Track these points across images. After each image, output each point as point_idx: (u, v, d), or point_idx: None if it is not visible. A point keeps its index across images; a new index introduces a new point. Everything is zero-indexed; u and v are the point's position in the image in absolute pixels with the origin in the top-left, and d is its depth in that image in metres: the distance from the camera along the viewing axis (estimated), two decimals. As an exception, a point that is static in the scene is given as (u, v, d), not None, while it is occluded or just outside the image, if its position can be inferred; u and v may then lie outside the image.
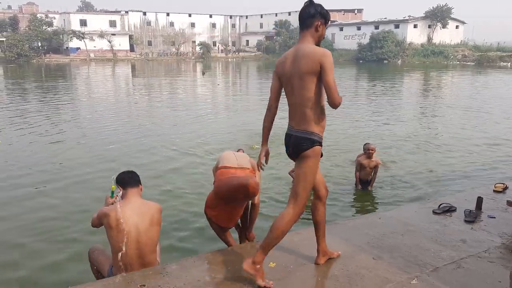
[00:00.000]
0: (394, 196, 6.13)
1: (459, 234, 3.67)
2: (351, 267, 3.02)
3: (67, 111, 14.22)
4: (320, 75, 2.63)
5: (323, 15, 2.74)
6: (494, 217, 3.96)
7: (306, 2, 2.74)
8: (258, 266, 2.74)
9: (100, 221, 2.93)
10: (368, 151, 6.11)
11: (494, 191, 4.67)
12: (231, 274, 2.93)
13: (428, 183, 6.59)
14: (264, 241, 2.80)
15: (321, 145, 2.77)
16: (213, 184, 3.62)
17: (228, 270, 2.99)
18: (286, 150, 2.91)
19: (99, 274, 3.15)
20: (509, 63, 44.03)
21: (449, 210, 4.10)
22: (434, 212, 4.11)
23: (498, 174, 6.81)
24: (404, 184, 6.61)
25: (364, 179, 6.22)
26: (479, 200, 4.15)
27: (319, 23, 2.73)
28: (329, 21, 2.85)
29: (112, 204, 3.08)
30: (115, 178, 3.05)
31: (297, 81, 2.71)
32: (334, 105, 2.66)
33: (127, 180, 2.97)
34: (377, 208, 5.70)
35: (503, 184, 4.79)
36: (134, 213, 2.87)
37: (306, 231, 3.85)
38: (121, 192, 2.98)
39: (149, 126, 11.37)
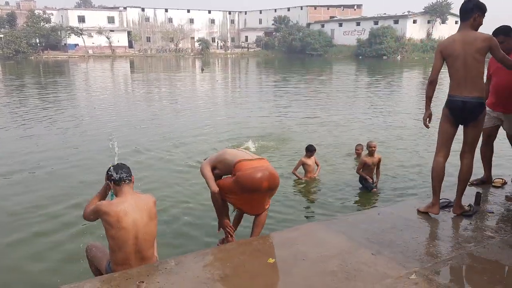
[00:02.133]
0: (394, 191, 6.14)
1: (458, 229, 3.67)
2: (350, 263, 3.02)
3: (64, 109, 14.19)
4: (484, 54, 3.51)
5: (480, 8, 3.56)
6: (493, 212, 3.96)
7: None
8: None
9: (96, 216, 2.91)
10: (370, 148, 6.18)
11: (493, 186, 4.67)
12: (230, 270, 2.93)
13: (427, 179, 6.59)
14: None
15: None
16: (233, 176, 3.58)
17: (227, 266, 2.99)
18: (458, 115, 3.66)
19: (97, 271, 3.15)
20: (508, 58, 43.94)
21: (447, 205, 4.10)
22: (433, 208, 4.11)
23: (497, 169, 6.80)
24: (403, 180, 6.62)
25: (368, 176, 6.21)
26: (478, 196, 4.14)
27: (477, 15, 3.56)
28: (486, 9, 3.62)
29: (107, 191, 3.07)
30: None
31: (471, 59, 3.51)
32: (511, 67, 3.62)
33: (122, 177, 2.94)
34: (376, 204, 5.70)
35: (502, 179, 4.79)
36: (132, 209, 2.85)
37: (305, 227, 3.87)
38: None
39: (147, 121, 11.36)
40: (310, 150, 6.55)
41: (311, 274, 2.89)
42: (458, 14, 3.73)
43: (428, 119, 3.85)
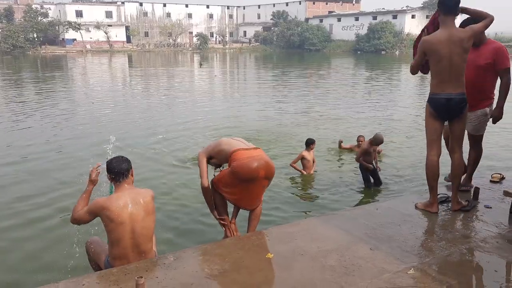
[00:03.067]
0: (392, 186, 6.14)
1: (456, 224, 3.68)
2: (349, 258, 3.03)
3: (59, 104, 14.16)
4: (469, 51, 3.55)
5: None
6: (491, 207, 3.97)
7: None
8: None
9: (93, 216, 2.88)
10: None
11: (491, 181, 4.68)
12: (228, 265, 2.94)
13: (424, 174, 6.60)
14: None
15: None
16: (228, 165, 3.64)
17: (226, 261, 2.99)
18: (443, 112, 3.67)
19: (96, 266, 3.15)
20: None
21: (445, 200, 4.11)
22: (431, 203, 4.12)
23: (495, 164, 6.82)
24: (401, 175, 6.63)
25: (369, 163, 6.07)
26: (476, 190, 4.16)
27: (460, 8, 3.59)
28: None
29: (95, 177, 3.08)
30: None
31: (457, 58, 3.50)
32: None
33: (121, 172, 2.91)
34: (375, 199, 5.71)
35: (500, 174, 4.80)
36: (129, 204, 2.84)
37: (304, 223, 3.87)
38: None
39: (145, 116, 11.34)
40: (310, 143, 6.54)
41: (310, 269, 2.90)
42: (440, 6, 3.57)
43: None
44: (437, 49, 3.52)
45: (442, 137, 3.92)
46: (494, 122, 4.05)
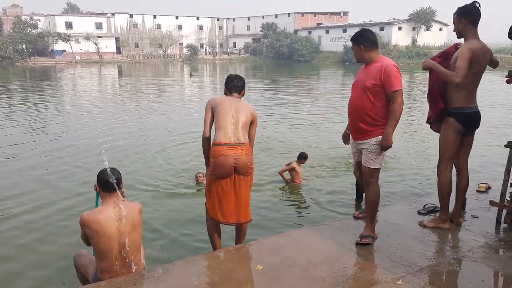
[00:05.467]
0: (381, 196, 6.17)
1: (444, 234, 3.71)
2: (338, 268, 3.04)
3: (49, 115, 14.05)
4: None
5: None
6: (478, 217, 4.02)
7: (478, 4, 3.44)
8: None
9: (84, 230, 2.84)
10: None
11: (477, 191, 4.75)
12: (218, 277, 2.93)
13: (411, 183, 6.67)
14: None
15: None
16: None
17: (215, 273, 2.98)
18: (472, 127, 3.63)
19: (84, 279, 3.12)
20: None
21: (433, 210, 4.16)
22: (419, 213, 4.17)
23: (482, 174, 6.91)
24: (389, 185, 6.67)
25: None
26: (463, 200, 4.20)
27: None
28: None
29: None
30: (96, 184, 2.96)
31: (483, 70, 3.51)
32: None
33: (111, 184, 2.90)
34: (364, 210, 5.72)
35: (486, 184, 4.87)
36: (115, 217, 2.82)
37: (295, 233, 3.88)
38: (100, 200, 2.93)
39: (136, 126, 11.29)
40: (302, 157, 6.62)
41: (300, 281, 2.90)
42: (469, 17, 3.42)
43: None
44: (478, 59, 3.43)
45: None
46: (379, 149, 3.40)
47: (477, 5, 3.45)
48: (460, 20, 3.49)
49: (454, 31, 3.59)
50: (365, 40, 3.39)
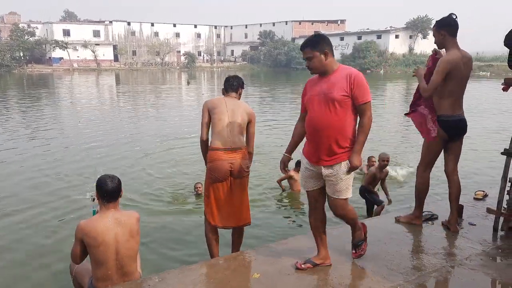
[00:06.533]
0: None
1: (441, 242, 3.70)
2: (335, 277, 3.02)
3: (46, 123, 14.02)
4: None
5: None
6: (475, 225, 4.02)
7: (455, 16, 3.59)
8: None
9: (80, 240, 2.79)
10: (383, 162, 5.69)
11: (474, 198, 4.74)
12: (214, 286, 2.91)
13: (408, 190, 6.66)
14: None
15: None
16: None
17: (212, 282, 2.96)
18: (458, 134, 3.71)
19: (80, 287, 3.09)
20: (488, 73, 45.06)
21: (430, 218, 4.15)
22: (417, 220, 4.15)
23: (479, 182, 6.92)
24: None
25: (372, 189, 5.84)
26: (460, 208, 4.20)
27: None
28: None
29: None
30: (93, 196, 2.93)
31: (466, 79, 3.62)
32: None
33: (112, 193, 2.84)
34: (361, 217, 5.71)
35: (483, 191, 4.87)
36: (113, 225, 2.80)
37: (290, 241, 3.86)
38: (98, 207, 2.90)
39: (133, 133, 11.27)
40: (300, 165, 6.52)
41: (296, 289, 2.88)
42: (447, 28, 3.54)
43: None
44: (460, 68, 3.53)
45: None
46: (349, 172, 2.95)
47: (454, 17, 3.60)
48: (439, 31, 3.63)
49: (434, 43, 3.68)
50: (327, 44, 2.91)
